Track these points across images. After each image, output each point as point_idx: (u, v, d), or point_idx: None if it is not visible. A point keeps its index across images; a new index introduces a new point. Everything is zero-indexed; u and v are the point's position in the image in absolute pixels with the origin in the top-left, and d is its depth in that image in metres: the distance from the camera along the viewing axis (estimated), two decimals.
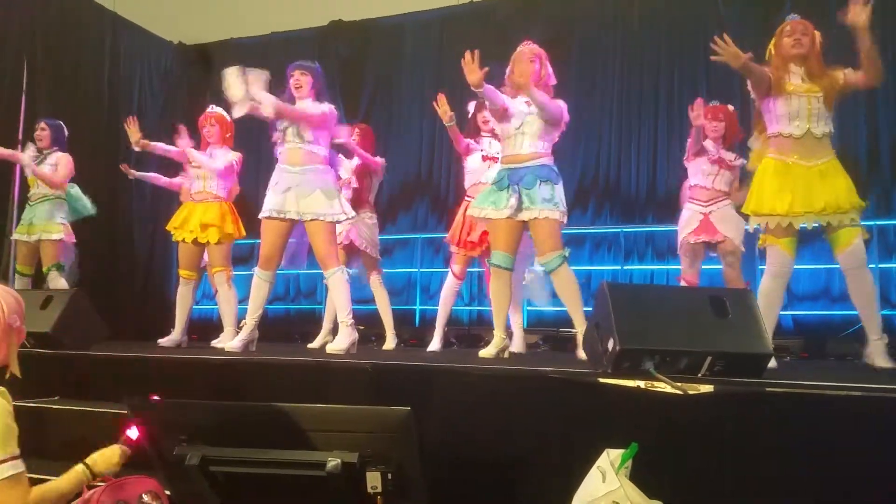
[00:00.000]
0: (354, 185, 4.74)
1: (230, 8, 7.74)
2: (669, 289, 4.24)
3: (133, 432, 1.98)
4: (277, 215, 3.70)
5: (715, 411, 2.17)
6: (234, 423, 1.78)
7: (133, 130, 4.69)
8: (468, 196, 4.47)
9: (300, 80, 3.81)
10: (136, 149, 4.73)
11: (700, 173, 4.46)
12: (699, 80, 6.41)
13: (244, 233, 4.63)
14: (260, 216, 3.83)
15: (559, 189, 3.53)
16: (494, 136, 4.42)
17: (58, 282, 4.77)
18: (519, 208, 3.45)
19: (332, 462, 1.67)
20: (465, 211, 4.42)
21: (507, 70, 3.60)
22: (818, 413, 2.07)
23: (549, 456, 2.29)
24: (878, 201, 5.70)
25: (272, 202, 3.73)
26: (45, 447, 2.83)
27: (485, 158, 4.48)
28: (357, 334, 3.79)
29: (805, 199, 3.06)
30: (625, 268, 6.33)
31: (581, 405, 2.33)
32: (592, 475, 2.04)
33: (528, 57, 3.55)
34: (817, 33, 3.20)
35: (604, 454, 2.05)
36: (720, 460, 2.13)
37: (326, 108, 3.80)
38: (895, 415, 1.99)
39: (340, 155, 4.77)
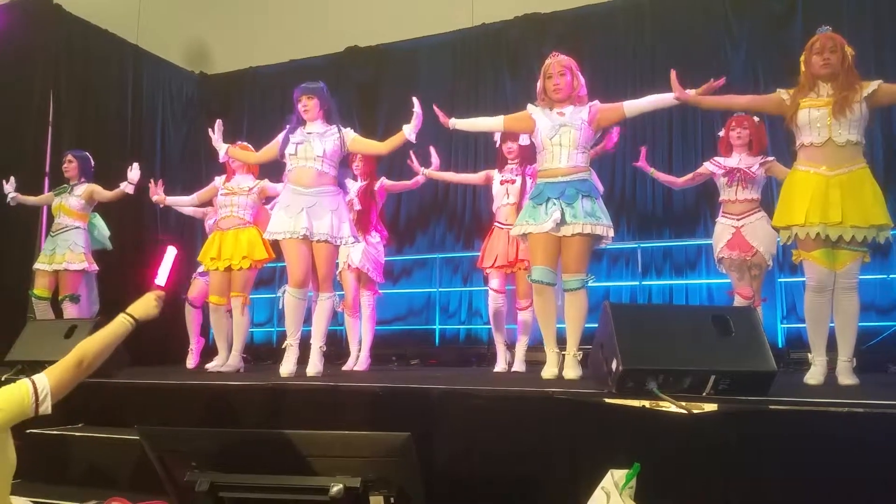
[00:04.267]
0: (358, 207, 4.79)
1: (251, 37, 7.95)
2: (672, 308, 4.24)
3: (161, 277, 2.21)
4: (291, 236, 3.79)
5: (719, 430, 2.18)
6: (241, 450, 1.84)
7: (154, 190, 4.98)
8: (497, 221, 4.57)
9: (307, 104, 3.91)
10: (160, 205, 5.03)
11: (722, 189, 4.47)
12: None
13: (273, 254, 4.66)
14: (266, 235, 3.97)
15: (601, 204, 3.50)
16: (521, 163, 4.50)
17: (70, 311, 4.91)
18: (563, 222, 3.38)
19: (336, 487, 1.72)
20: (491, 235, 4.56)
21: (539, 84, 3.61)
22: (823, 430, 2.07)
23: (555, 476, 2.31)
24: (894, 210, 5.62)
25: (284, 224, 3.79)
26: (68, 474, 2.93)
27: (503, 182, 4.54)
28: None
29: (822, 209, 3.04)
30: (643, 283, 6.31)
31: (586, 425, 2.36)
32: (597, 496, 2.06)
33: (559, 70, 3.53)
34: (849, 49, 3.15)
35: (608, 474, 2.07)
36: (725, 479, 2.14)
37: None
38: None
39: (349, 179, 4.87)
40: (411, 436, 1.74)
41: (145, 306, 2.33)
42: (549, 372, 3.45)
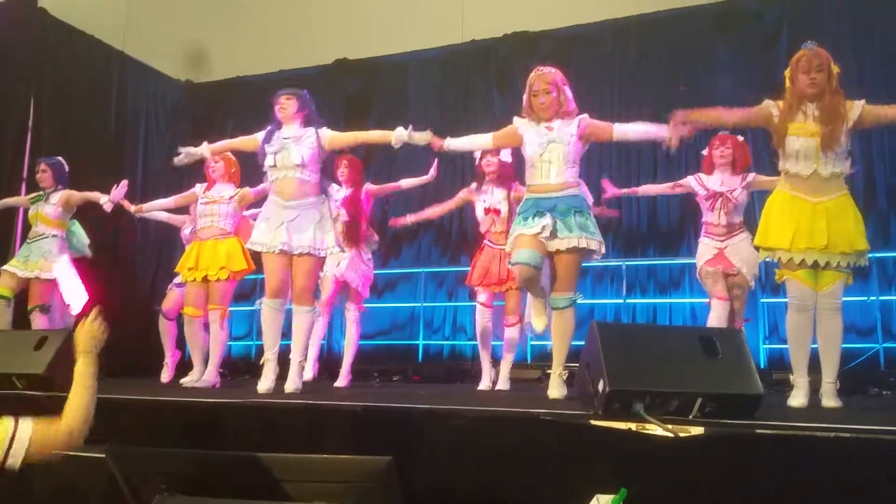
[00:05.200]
0: (345, 218, 4.67)
1: (237, 46, 7.90)
2: (660, 328, 4.22)
3: (73, 302, 1.99)
4: (269, 250, 3.71)
5: (706, 453, 2.15)
6: (213, 473, 1.77)
7: (126, 203, 4.87)
8: (487, 240, 4.53)
9: (285, 103, 3.83)
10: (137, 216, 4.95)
11: (705, 210, 4.47)
12: None
13: (253, 265, 4.53)
14: (248, 246, 3.89)
15: (593, 219, 3.45)
16: (500, 182, 4.46)
17: (39, 322, 4.78)
18: (553, 234, 3.27)
19: None
20: (481, 252, 4.52)
21: (525, 99, 3.49)
22: (808, 455, 2.04)
23: (541, 501, 2.26)
24: (875, 232, 5.67)
25: (265, 237, 3.71)
26: (31, 495, 2.81)
27: (487, 211, 4.49)
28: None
29: (808, 235, 3.05)
30: (627, 301, 6.30)
31: (572, 447, 2.31)
32: None
33: (544, 88, 3.40)
34: (835, 67, 3.10)
35: (594, 500, 2.03)
36: (711, 502, 2.10)
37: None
38: (884, 456, 1.96)
39: (333, 184, 4.78)
40: (393, 460, 1.68)
41: (88, 337, 2.11)
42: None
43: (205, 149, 4.05)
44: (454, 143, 3.74)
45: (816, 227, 3.04)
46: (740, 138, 4.52)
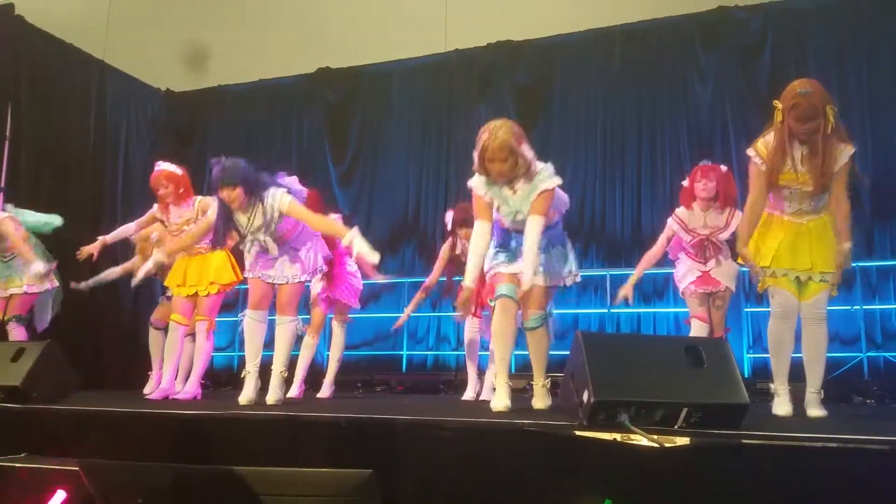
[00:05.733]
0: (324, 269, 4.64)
1: (218, 55, 7.86)
2: (644, 338, 4.20)
3: None
4: (254, 276, 3.73)
5: (692, 463, 2.12)
6: (190, 487, 1.72)
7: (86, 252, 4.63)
8: None
9: (230, 195, 3.55)
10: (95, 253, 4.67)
11: (687, 246, 4.34)
12: (680, 123, 6.49)
13: (241, 276, 4.35)
14: (244, 273, 3.88)
15: (569, 247, 3.43)
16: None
17: (16, 333, 4.70)
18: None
19: None
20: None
21: (476, 156, 3.12)
22: (795, 464, 2.03)
23: None
24: (859, 242, 5.72)
25: (254, 269, 3.73)
26: None
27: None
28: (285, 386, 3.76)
29: (792, 256, 3.07)
30: (611, 311, 6.29)
31: (557, 458, 2.28)
32: None
33: (500, 156, 3.03)
34: (831, 110, 2.94)
35: None
36: None
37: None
38: (872, 466, 1.95)
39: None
40: (374, 473, 1.64)
41: None
42: (500, 403, 3.08)
43: (159, 257, 3.96)
44: (473, 275, 3.25)
45: (800, 249, 3.07)
46: (724, 168, 4.34)
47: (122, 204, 7.10)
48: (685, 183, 4.41)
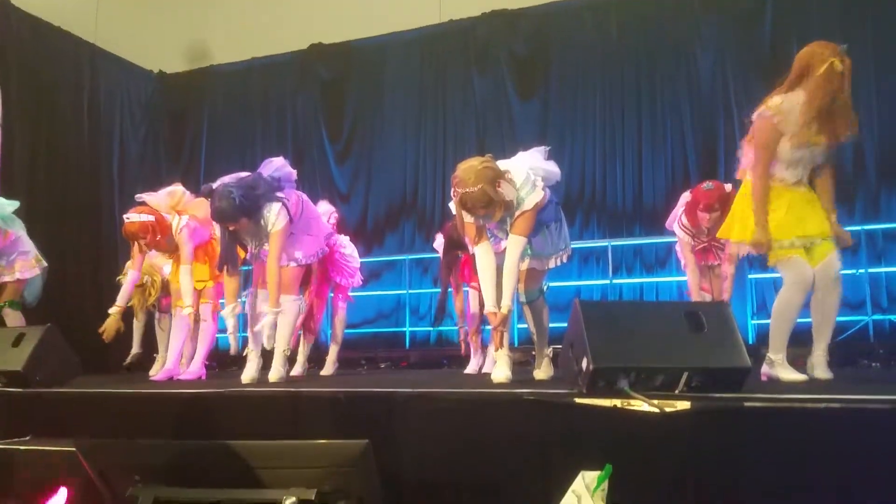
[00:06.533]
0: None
1: (209, 35, 7.77)
2: (643, 305, 4.17)
3: None
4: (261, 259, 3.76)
5: (693, 428, 2.11)
6: (187, 463, 1.71)
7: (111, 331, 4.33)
8: None
9: (236, 228, 3.58)
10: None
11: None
12: (680, 91, 6.41)
13: (244, 253, 4.16)
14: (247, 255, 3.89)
15: (564, 227, 3.41)
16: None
17: (12, 318, 4.69)
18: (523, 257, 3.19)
19: (289, 500, 1.60)
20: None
21: (455, 199, 3.05)
22: (798, 426, 2.01)
23: (525, 480, 2.22)
24: (864, 206, 5.67)
25: (259, 250, 3.77)
26: (13, 490, 2.76)
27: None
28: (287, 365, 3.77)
29: (800, 223, 2.99)
30: (613, 282, 6.27)
31: (557, 427, 2.27)
32: (568, 499, 1.98)
33: (480, 204, 2.94)
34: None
35: (579, 477, 1.99)
36: (698, 478, 2.07)
37: None
38: (875, 426, 1.93)
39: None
40: (369, 443, 1.63)
41: None
42: (501, 374, 3.03)
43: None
44: (493, 297, 3.12)
45: (805, 216, 3.01)
46: (728, 187, 4.09)
47: (120, 186, 7.07)
48: (687, 195, 4.34)
